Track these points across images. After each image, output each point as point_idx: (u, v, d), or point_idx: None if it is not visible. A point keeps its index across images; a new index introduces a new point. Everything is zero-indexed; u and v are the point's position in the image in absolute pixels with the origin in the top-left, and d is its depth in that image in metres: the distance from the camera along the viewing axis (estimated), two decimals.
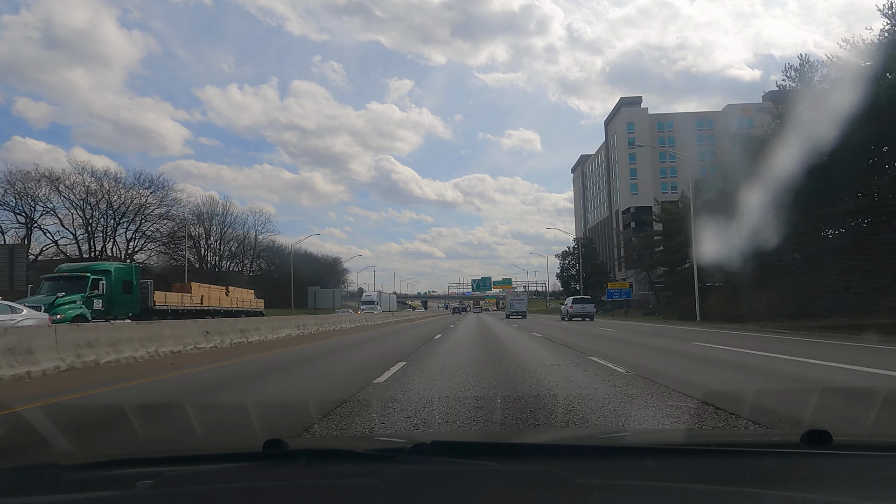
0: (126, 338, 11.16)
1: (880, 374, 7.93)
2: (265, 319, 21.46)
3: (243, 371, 9.50)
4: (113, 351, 10.51)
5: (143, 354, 11.18)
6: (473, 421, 4.91)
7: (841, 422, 4.69)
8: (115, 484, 1.41)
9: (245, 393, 7.02)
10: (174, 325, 13.69)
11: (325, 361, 11.42)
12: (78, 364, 9.51)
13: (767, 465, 1.50)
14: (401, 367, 8.97)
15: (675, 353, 11.90)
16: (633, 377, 7.49)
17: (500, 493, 1.27)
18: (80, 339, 9.95)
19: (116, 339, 10.84)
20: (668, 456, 1.61)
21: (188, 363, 10.53)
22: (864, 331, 15.88)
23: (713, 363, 9.87)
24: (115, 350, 10.57)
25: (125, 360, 10.59)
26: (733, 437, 3.08)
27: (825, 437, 1.55)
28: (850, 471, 1.45)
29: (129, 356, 10.77)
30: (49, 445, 3.92)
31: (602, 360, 9.79)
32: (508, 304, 60.44)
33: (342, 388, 6.75)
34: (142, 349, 11.30)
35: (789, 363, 9.44)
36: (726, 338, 16.42)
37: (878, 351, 11.64)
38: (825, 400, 5.59)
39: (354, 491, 1.30)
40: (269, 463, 1.54)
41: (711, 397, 5.63)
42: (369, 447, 1.72)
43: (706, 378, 7.74)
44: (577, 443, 1.97)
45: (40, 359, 8.84)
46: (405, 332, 23.10)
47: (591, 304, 40.31)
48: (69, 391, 7.07)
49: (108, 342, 10.55)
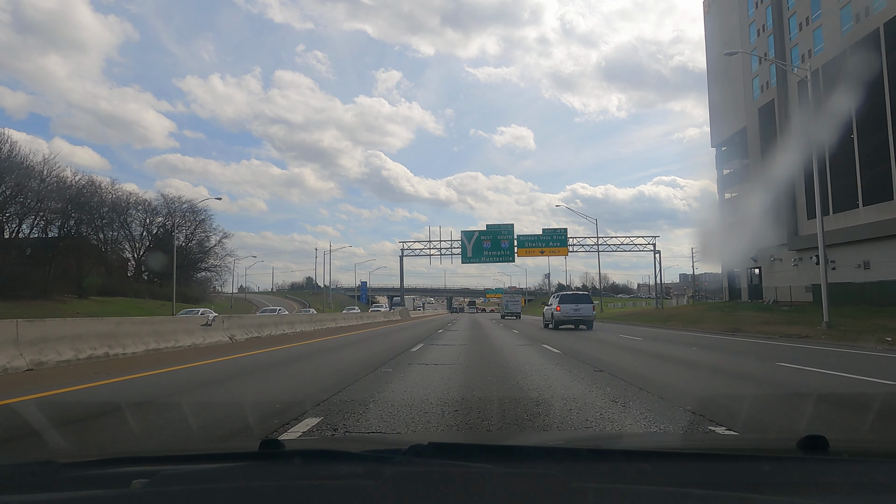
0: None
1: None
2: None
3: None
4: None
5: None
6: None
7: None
8: (110, 482, 1.44)
9: None
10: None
11: None
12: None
13: (764, 470, 1.50)
14: None
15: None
16: None
17: (497, 496, 1.28)
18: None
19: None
20: (666, 460, 1.62)
21: None
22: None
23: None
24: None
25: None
26: (730, 442, 3.12)
27: (822, 442, 1.57)
28: (846, 476, 1.45)
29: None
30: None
31: None
32: (504, 305, 66.21)
33: None
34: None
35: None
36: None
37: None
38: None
39: (350, 492, 1.33)
40: (265, 463, 1.56)
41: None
42: (366, 448, 1.72)
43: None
44: (574, 446, 1.98)
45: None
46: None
47: (588, 302, 27.20)
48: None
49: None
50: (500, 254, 59.83)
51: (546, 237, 60.06)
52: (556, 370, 9.77)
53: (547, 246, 60.12)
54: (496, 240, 59.62)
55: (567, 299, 27.01)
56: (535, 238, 60.23)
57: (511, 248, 59.79)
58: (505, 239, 59.62)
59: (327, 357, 13.17)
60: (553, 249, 60.36)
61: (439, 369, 9.83)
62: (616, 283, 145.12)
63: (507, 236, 59.72)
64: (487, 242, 59.67)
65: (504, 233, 59.84)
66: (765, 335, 21.51)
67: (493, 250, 59.64)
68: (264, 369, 10.33)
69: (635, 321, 42.45)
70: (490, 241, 59.64)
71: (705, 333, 24.38)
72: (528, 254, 60.48)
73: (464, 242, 60.00)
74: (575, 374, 9.11)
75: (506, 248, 59.72)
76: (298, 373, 10.01)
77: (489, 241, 59.64)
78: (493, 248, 59.62)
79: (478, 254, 59.80)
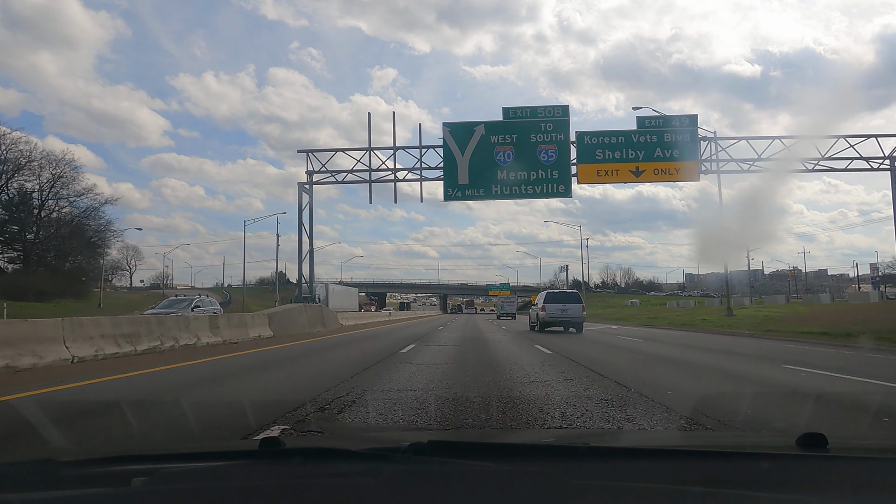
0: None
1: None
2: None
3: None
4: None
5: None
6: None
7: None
8: (110, 480, 1.41)
9: None
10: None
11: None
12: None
13: (763, 468, 1.50)
14: None
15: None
16: None
17: (497, 494, 1.28)
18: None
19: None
20: (664, 458, 1.61)
21: None
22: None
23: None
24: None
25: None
26: (729, 440, 3.05)
27: (821, 440, 1.55)
28: (845, 474, 1.44)
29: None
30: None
31: None
32: (499, 306, 68.77)
33: None
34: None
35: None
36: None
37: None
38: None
39: (350, 490, 1.30)
40: (265, 461, 1.53)
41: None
42: (366, 446, 1.70)
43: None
44: (573, 444, 1.89)
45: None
46: None
47: (577, 301, 23.24)
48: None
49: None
50: (537, 179, 25.24)
51: (649, 136, 25.09)
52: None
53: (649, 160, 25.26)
54: (528, 142, 25.26)
55: (553, 298, 23.65)
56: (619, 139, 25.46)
57: (563, 163, 25.26)
58: (549, 141, 25.21)
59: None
60: (668, 166, 25.39)
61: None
62: (641, 280, 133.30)
63: (555, 133, 25.29)
64: (507, 150, 25.34)
65: (545, 124, 25.34)
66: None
67: (520, 167, 25.15)
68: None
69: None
70: (513, 149, 25.33)
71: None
72: (606, 178, 25.45)
73: (450, 152, 25.76)
74: None
75: (550, 162, 25.18)
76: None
77: (510, 148, 25.32)
78: (522, 165, 25.15)
79: (482, 177, 25.41)
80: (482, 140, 25.37)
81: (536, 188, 25.21)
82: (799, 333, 20.21)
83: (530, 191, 25.30)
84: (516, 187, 25.31)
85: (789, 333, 20.62)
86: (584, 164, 25.19)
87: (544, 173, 25.12)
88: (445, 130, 25.72)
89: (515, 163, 25.13)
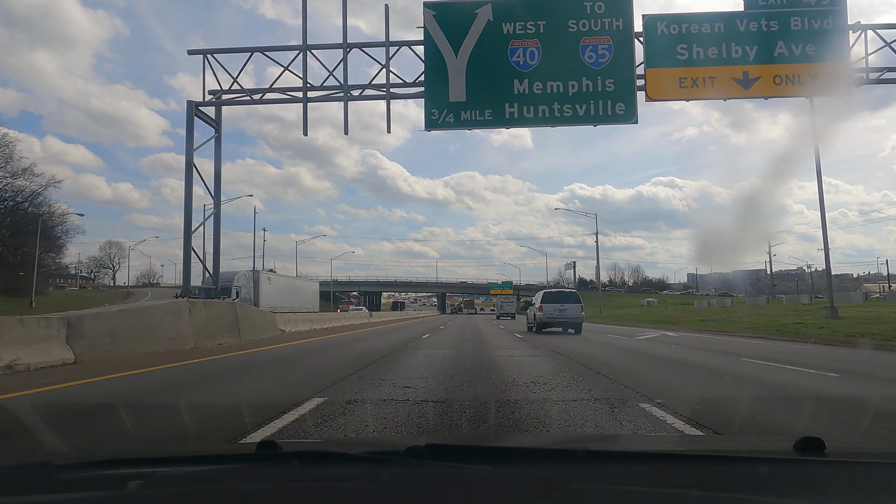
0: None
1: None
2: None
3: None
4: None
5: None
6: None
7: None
8: (106, 484, 1.40)
9: None
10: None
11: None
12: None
13: (761, 472, 1.48)
14: None
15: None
16: None
17: (494, 498, 1.27)
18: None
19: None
20: (663, 462, 1.60)
21: None
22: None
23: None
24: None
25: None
26: (727, 444, 3.01)
27: (818, 444, 1.55)
28: (843, 479, 1.43)
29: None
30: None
31: None
32: (499, 306, 69.65)
33: None
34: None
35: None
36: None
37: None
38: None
39: (348, 493, 1.31)
40: (262, 464, 1.53)
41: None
42: (363, 449, 1.67)
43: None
44: (572, 447, 1.92)
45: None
46: None
47: (575, 301, 22.32)
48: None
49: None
50: (580, 93, 15.33)
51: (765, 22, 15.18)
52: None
53: (766, 61, 15.45)
54: (564, 32, 15.22)
55: (550, 298, 22.88)
56: (715, 27, 15.55)
57: (624, 67, 15.30)
58: (599, 30, 15.26)
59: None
60: (798, 70, 15.52)
61: None
62: (650, 279, 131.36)
63: (609, 18, 15.20)
64: (530, 46, 15.36)
65: (593, 3, 15.44)
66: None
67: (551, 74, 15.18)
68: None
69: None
70: (539, 44, 15.33)
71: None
72: (695, 91, 15.52)
73: (436, 52, 15.87)
74: None
75: (602, 65, 15.26)
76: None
77: (535, 43, 15.33)
78: (555, 70, 15.20)
79: (488, 91, 15.50)
80: (488, 29, 15.46)
81: (579, 108, 15.29)
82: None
83: (568, 112, 15.35)
84: (545, 107, 15.37)
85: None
86: (658, 67, 15.33)
87: (591, 84, 15.22)
88: (428, 14, 15.73)
89: (543, 66, 15.24)
